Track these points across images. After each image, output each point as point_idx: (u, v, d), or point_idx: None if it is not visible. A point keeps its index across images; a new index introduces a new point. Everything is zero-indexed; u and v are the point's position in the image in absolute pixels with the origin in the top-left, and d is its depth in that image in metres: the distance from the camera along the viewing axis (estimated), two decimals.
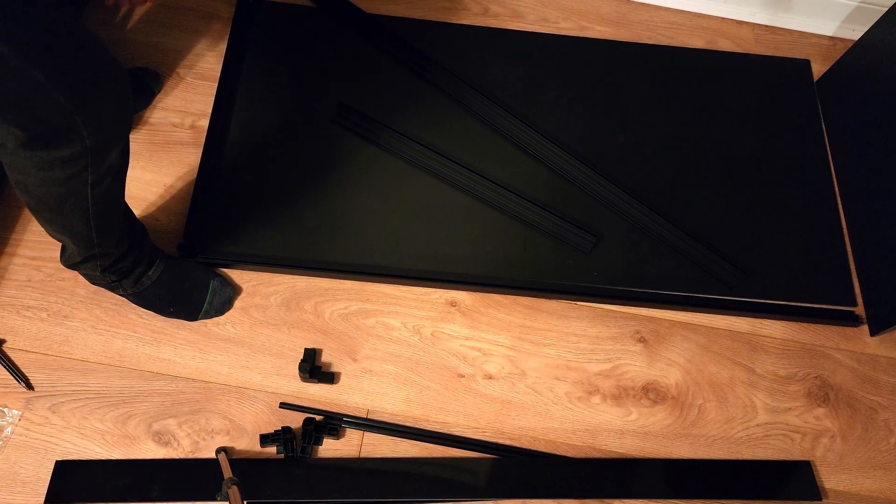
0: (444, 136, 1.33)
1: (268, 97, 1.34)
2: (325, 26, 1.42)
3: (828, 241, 1.32)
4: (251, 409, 1.11)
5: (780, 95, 1.45)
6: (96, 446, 1.07)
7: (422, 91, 1.37)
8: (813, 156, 1.39)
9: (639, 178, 1.33)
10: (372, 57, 1.40)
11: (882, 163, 1.25)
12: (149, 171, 1.27)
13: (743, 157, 1.38)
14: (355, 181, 1.28)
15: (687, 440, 1.16)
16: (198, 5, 1.43)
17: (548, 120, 1.37)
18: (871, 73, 1.32)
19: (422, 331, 1.19)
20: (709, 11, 1.54)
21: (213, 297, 1.15)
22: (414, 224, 1.25)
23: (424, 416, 1.14)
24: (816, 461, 1.16)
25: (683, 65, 1.47)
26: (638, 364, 1.21)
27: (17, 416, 1.08)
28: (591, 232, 1.26)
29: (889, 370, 1.24)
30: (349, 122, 1.32)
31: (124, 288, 1.08)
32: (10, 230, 1.20)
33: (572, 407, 1.17)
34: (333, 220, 1.24)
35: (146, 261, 1.08)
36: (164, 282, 1.10)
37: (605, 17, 1.51)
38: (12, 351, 1.12)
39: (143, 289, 1.09)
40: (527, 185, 1.30)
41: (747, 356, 1.23)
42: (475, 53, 1.43)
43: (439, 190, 1.28)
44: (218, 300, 1.15)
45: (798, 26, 1.54)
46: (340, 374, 1.15)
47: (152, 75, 1.33)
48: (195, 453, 1.08)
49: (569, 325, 1.22)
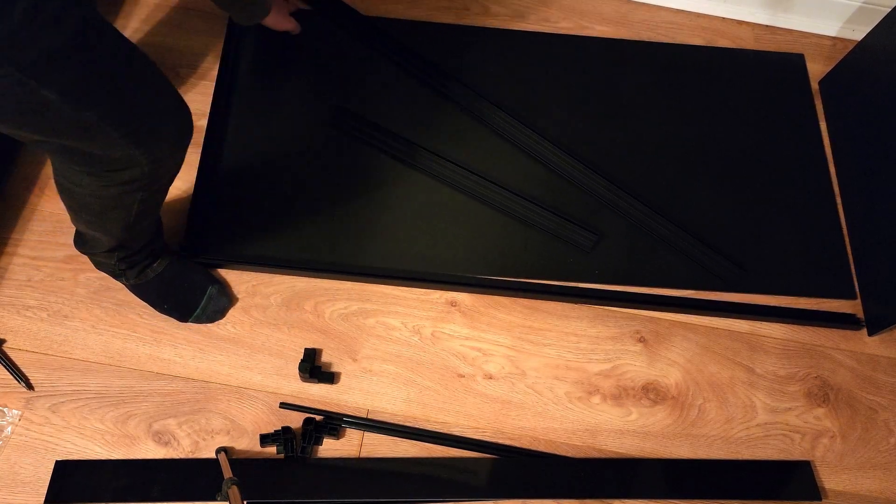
0: (442, 137, 1.33)
1: (267, 98, 1.34)
2: (322, 28, 1.42)
3: (827, 237, 1.32)
4: (251, 409, 1.11)
5: (776, 91, 1.46)
6: (96, 446, 1.07)
7: (419, 92, 1.37)
8: (810, 151, 1.40)
9: (638, 175, 1.33)
10: (370, 59, 1.39)
11: (884, 163, 1.25)
12: None
13: (741, 153, 1.38)
14: (355, 182, 1.28)
15: (687, 440, 1.16)
16: (198, 5, 1.43)
17: (546, 119, 1.37)
18: (873, 74, 1.32)
19: (422, 331, 1.19)
20: (709, 11, 1.54)
21: (208, 304, 1.15)
22: (413, 225, 1.25)
23: (424, 416, 1.14)
24: (816, 461, 1.16)
25: (679, 61, 1.47)
26: (638, 364, 1.21)
27: (17, 416, 1.08)
28: (592, 230, 1.26)
29: (889, 370, 1.24)
30: (347, 125, 1.31)
31: (128, 277, 1.09)
32: (10, 230, 1.20)
33: (572, 407, 1.17)
34: (334, 221, 1.24)
35: (154, 254, 1.09)
36: (165, 277, 1.11)
37: (605, 17, 1.51)
38: (12, 351, 1.12)
39: (145, 281, 1.10)
40: (526, 184, 1.30)
41: (747, 356, 1.23)
42: (474, 53, 1.43)
43: (437, 190, 1.28)
44: (212, 307, 1.15)
45: (798, 26, 1.54)
46: (340, 374, 1.15)
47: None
48: (195, 453, 1.08)
49: (569, 325, 1.22)
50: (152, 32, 1.39)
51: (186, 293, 1.14)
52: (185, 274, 1.14)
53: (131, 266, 1.08)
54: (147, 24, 1.40)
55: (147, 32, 1.39)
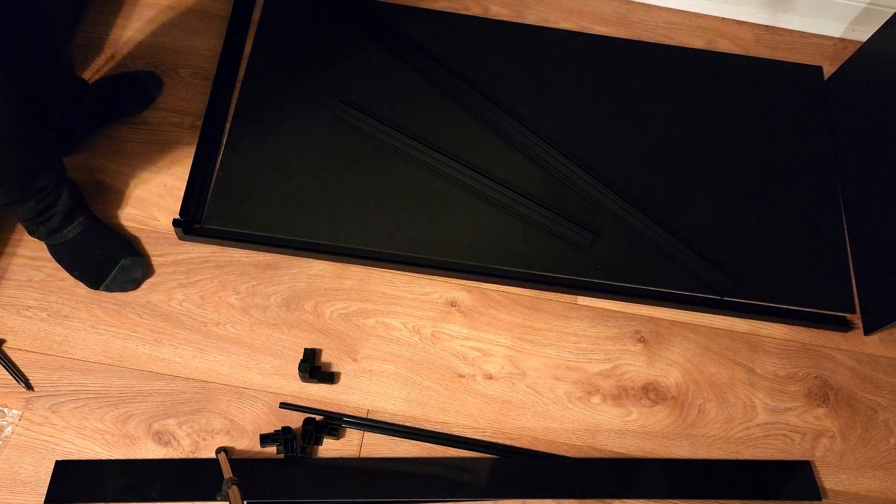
0: (441, 133, 1.33)
1: (270, 87, 1.34)
2: (327, 17, 1.42)
3: (829, 250, 1.31)
4: (251, 409, 1.11)
5: (789, 100, 1.44)
6: (96, 446, 1.07)
7: (423, 87, 1.37)
8: (817, 155, 1.39)
9: (640, 178, 1.33)
10: (375, 53, 1.39)
11: (886, 162, 1.25)
12: (149, 170, 1.27)
13: (745, 159, 1.37)
14: (357, 176, 1.28)
15: (687, 440, 1.16)
16: (197, 5, 1.43)
17: (552, 119, 1.36)
18: (878, 76, 1.31)
19: (422, 331, 1.19)
20: (709, 11, 1.54)
21: (118, 274, 1.16)
22: (412, 216, 1.25)
23: (424, 416, 1.14)
24: (816, 461, 1.16)
25: (690, 66, 1.46)
26: (638, 364, 1.21)
27: (17, 416, 1.08)
28: (589, 228, 1.26)
29: (889, 370, 1.24)
30: (351, 119, 1.32)
31: (39, 235, 1.12)
32: (10, 230, 1.20)
33: (572, 407, 1.17)
34: (334, 209, 1.24)
35: (64, 216, 1.11)
36: (76, 242, 1.14)
37: (605, 17, 1.51)
38: (12, 351, 1.12)
39: (58, 243, 1.13)
40: (526, 183, 1.30)
41: (747, 356, 1.23)
42: (478, 48, 1.42)
43: (438, 185, 1.28)
44: (122, 277, 1.16)
45: (798, 27, 1.54)
46: (340, 374, 1.15)
47: (154, 80, 1.33)
48: (195, 453, 1.08)
49: (569, 325, 1.22)
50: (152, 32, 1.39)
51: (99, 262, 1.15)
52: (99, 242, 1.16)
53: (41, 223, 1.09)
54: (147, 24, 1.40)
55: (147, 32, 1.39)
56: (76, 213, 1.13)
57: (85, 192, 1.19)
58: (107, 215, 1.23)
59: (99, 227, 1.17)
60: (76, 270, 1.16)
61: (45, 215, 1.09)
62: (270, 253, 1.22)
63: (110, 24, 1.39)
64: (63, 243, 1.13)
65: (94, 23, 1.39)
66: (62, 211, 1.10)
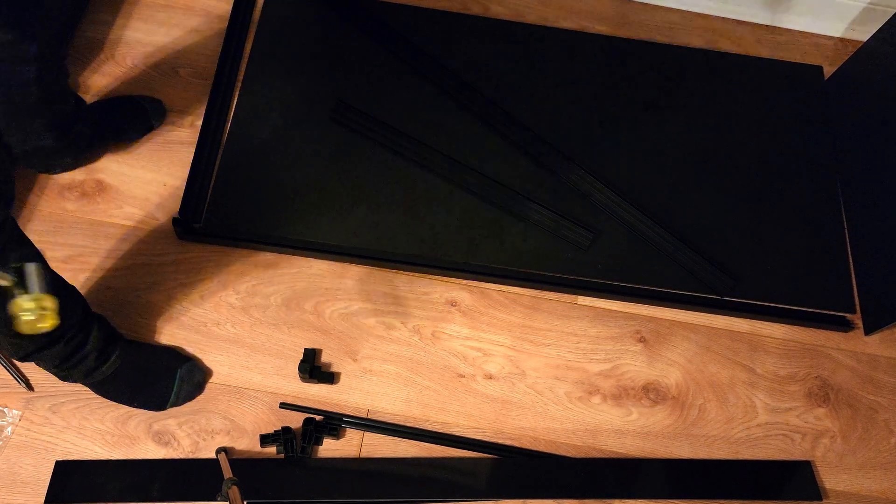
0: (441, 133, 1.33)
1: (270, 87, 1.34)
2: (326, 17, 1.42)
3: (829, 250, 1.31)
4: (251, 409, 1.11)
5: (789, 100, 1.44)
6: (96, 446, 1.07)
7: (423, 87, 1.37)
8: (817, 156, 1.38)
9: (640, 178, 1.33)
10: (375, 53, 1.39)
11: (886, 162, 1.25)
12: (148, 170, 1.27)
13: (746, 159, 1.37)
14: (357, 176, 1.28)
15: (687, 440, 1.16)
16: (197, 5, 1.43)
17: (552, 119, 1.36)
18: (878, 76, 1.30)
19: (422, 331, 1.19)
20: (709, 11, 1.54)
21: (181, 387, 1.08)
22: (412, 216, 1.25)
23: (424, 416, 1.14)
24: (816, 461, 1.16)
25: (690, 66, 1.46)
26: (638, 364, 1.21)
27: (17, 416, 1.08)
28: (589, 228, 1.26)
29: (889, 370, 1.24)
30: (350, 118, 1.32)
31: (75, 378, 1.02)
32: None
33: (572, 407, 1.16)
34: (333, 209, 1.24)
35: (97, 353, 1.00)
36: (122, 376, 1.05)
37: (604, 17, 1.51)
38: None
39: (100, 381, 1.04)
40: (526, 183, 1.30)
41: (747, 356, 1.23)
42: (478, 47, 1.42)
43: (438, 184, 1.28)
44: (186, 389, 1.09)
45: (798, 26, 1.54)
46: (340, 374, 1.15)
47: (158, 109, 1.29)
48: (195, 453, 1.08)
49: (569, 325, 1.22)
50: (152, 32, 1.39)
51: (153, 385, 1.07)
52: (146, 365, 1.07)
53: (72, 367, 0.98)
54: (147, 24, 1.40)
55: (147, 32, 1.39)
56: (110, 349, 1.03)
57: (85, 192, 1.19)
58: (107, 215, 1.23)
59: (138, 349, 1.08)
60: (135, 402, 1.07)
61: (75, 358, 0.97)
62: (270, 253, 1.22)
63: (110, 24, 1.39)
64: (105, 380, 1.04)
65: (94, 23, 1.39)
66: (94, 349, 0.99)
